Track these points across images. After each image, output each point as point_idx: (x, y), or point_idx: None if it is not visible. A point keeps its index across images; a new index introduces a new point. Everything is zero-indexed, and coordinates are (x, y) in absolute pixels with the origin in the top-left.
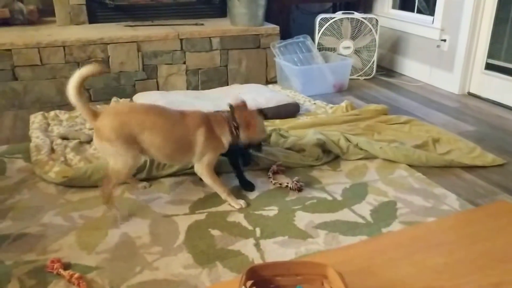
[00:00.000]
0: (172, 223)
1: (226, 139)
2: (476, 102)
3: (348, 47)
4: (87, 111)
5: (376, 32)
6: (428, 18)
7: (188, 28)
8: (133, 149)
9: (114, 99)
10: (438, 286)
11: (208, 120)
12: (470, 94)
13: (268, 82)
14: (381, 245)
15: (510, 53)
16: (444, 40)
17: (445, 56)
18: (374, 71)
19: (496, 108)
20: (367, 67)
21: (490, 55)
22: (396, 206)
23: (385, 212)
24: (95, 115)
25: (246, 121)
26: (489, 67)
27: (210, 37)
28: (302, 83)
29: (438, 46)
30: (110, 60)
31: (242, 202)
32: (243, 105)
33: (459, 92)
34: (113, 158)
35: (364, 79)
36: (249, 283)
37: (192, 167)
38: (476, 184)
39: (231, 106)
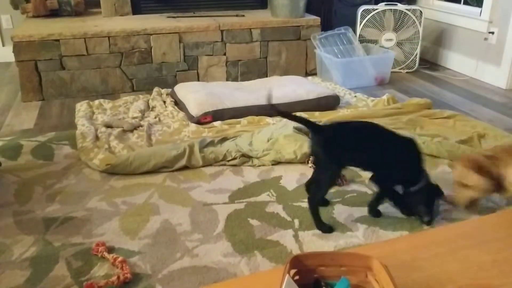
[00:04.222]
0: (212, 212)
1: None
2: None
3: (391, 39)
4: None
5: (420, 24)
6: (476, 9)
7: (229, 20)
8: None
9: (156, 89)
10: (485, 284)
11: None
12: None
13: (307, 74)
14: (426, 240)
15: None
16: (492, 33)
17: (493, 49)
18: (417, 64)
19: None
20: (410, 60)
21: None
22: (439, 202)
23: None
24: None
25: None
26: None
27: (250, 29)
28: (342, 76)
29: (485, 39)
30: (152, 50)
31: None
32: None
33: (507, 87)
34: None
35: (407, 72)
36: (292, 271)
37: (232, 159)
38: None
39: None
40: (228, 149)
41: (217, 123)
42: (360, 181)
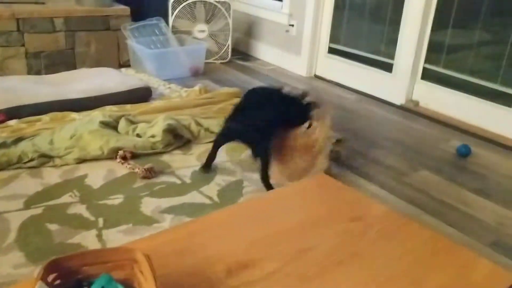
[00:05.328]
0: (2, 221)
1: None
2: (321, 83)
3: (203, 31)
4: None
5: (230, 16)
6: (278, 3)
7: (26, 7)
8: None
9: None
10: (249, 259)
11: None
12: (316, 76)
13: (121, 65)
14: (205, 224)
15: (348, 38)
16: (292, 25)
17: (293, 40)
18: (230, 55)
19: (338, 88)
20: (223, 51)
21: (332, 39)
22: (243, 185)
23: (232, 191)
24: None
25: None
26: (331, 51)
27: (52, 17)
28: (156, 67)
29: (287, 31)
30: None
31: None
32: None
33: (306, 75)
34: None
35: (220, 62)
36: (52, 276)
37: (29, 161)
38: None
39: None
40: (24, 149)
41: (12, 122)
42: (170, 172)
